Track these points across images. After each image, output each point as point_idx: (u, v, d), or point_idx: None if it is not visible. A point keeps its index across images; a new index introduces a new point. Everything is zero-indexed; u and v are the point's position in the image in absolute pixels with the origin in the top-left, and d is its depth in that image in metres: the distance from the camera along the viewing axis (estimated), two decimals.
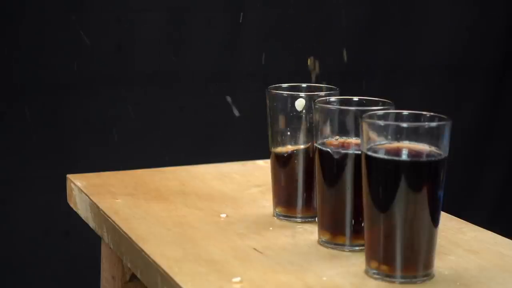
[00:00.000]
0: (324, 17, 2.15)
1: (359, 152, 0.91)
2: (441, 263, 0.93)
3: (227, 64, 2.07)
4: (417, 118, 0.91)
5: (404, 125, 0.89)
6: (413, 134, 0.88)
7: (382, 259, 0.88)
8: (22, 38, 1.89)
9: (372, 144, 0.89)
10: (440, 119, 0.89)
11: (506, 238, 1.02)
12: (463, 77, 2.31)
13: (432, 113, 0.90)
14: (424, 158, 0.87)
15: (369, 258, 0.90)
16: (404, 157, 0.88)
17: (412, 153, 0.88)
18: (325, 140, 0.97)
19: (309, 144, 1.04)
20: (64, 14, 1.91)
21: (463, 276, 0.91)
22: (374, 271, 0.89)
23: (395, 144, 0.88)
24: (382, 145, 0.89)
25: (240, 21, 2.04)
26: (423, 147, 0.88)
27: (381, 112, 0.92)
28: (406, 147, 0.88)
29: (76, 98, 1.95)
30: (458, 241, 1.01)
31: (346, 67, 2.15)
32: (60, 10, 1.90)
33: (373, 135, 0.89)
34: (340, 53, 2.14)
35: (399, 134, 0.88)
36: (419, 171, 0.87)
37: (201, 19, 2.02)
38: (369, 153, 0.88)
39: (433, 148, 0.88)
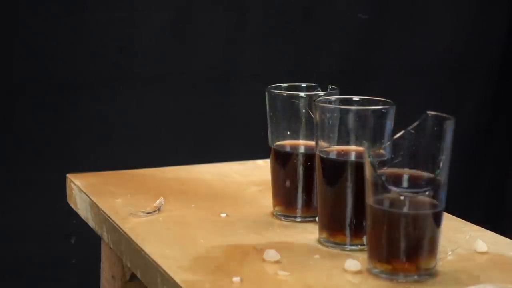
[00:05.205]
0: (326, 17, 2.14)
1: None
2: (441, 263, 0.93)
3: (228, 65, 2.06)
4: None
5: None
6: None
7: (384, 258, 0.88)
8: (22, 38, 1.88)
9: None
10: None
11: (506, 238, 1.02)
12: (463, 77, 2.30)
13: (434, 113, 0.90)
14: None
15: (371, 257, 0.90)
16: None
17: None
18: (325, 139, 0.97)
19: (309, 143, 1.04)
20: (65, 14, 1.90)
21: (463, 276, 0.90)
22: (376, 270, 0.89)
23: None
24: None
25: (242, 22, 2.04)
26: None
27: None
28: None
29: (76, 98, 1.94)
30: (458, 241, 1.01)
31: (346, 67, 2.15)
32: (61, 10, 1.90)
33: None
34: (341, 53, 2.14)
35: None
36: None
37: (203, 20, 2.02)
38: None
39: None
